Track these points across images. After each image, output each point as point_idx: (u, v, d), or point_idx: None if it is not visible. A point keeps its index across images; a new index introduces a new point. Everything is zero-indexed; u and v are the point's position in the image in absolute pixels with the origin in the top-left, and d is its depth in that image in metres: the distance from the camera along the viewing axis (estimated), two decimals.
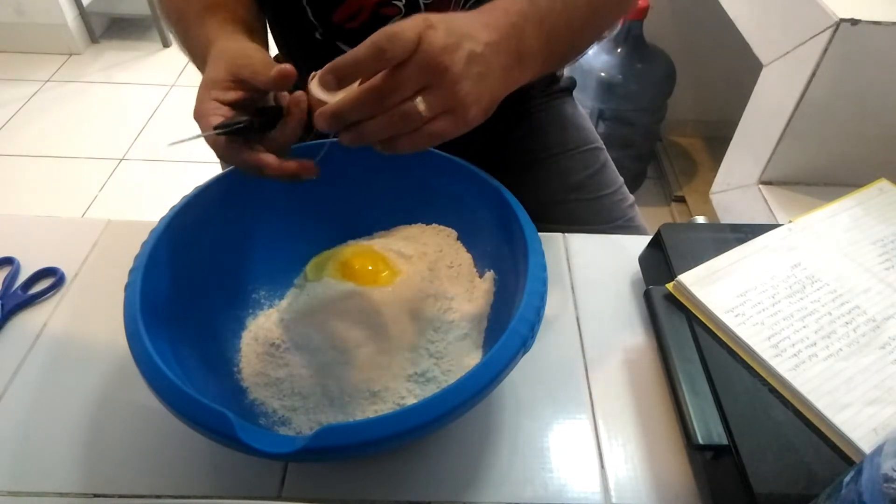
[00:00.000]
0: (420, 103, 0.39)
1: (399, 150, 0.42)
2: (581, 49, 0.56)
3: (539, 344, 0.41)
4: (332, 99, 0.41)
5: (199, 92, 0.45)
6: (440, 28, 0.40)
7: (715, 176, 1.24)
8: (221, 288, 0.51)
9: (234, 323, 0.51)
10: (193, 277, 0.48)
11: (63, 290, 0.56)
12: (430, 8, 0.62)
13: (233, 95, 0.45)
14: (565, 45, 0.50)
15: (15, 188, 1.80)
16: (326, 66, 0.40)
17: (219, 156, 0.45)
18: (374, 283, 0.53)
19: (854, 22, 0.83)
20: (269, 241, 0.54)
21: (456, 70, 0.40)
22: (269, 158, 0.43)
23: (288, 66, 0.43)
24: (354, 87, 0.41)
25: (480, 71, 0.41)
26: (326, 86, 0.41)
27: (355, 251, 0.56)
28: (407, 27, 0.39)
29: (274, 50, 0.79)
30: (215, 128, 0.42)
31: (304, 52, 0.69)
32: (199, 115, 0.44)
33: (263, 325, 0.50)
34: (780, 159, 1.01)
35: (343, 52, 0.66)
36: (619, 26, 1.52)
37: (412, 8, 0.62)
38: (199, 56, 0.52)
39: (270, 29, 0.73)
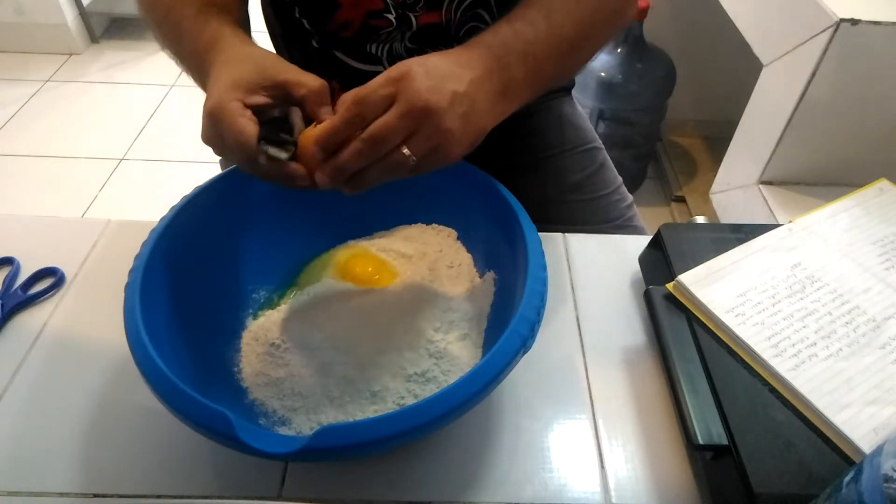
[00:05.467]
0: (406, 150, 0.40)
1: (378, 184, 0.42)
2: (573, 71, 0.55)
3: (539, 344, 0.41)
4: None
5: (220, 88, 0.42)
6: (419, 72, 0.40)
7: (715, 176, 1.24)
8: (221, 288, 0.51)
9: (234, 323, 0.51)
10: (193, 277, 0.48)
11: (63, 290, 0.56)
12: (420, 21, 0.62)
13: (258, 100, 0.43)
14: (552, 71, 0.50)
15: (15, 188, 1.80)
16: (313, 138, 0.40)
17: (244, 161, 0.42)
18: (373, 284, 0.53)
19: (854, 22, 0.83)
20: (269, 241, 0.54)
21: (440, 110, 0.40)
22: (301, 170, 0.42)
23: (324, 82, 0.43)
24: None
25: (465, 110, 0.42)
26: (315, 159, 0.41)
27: (355, 252, 0.56)
28: (378, 84, 0.40)
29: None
30: (261, 140, 0.41)
31: (305, 59, 0.69)
32: (221, 114, 0.41)
33: (263, 325, 0.50)
34: (780, 159, 1.01)
35: (339, 61, 0.66)
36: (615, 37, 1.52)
37: (403, 21, 0.62)
38: (193, 53, 0.50)
39: (270, 32, 0.73)
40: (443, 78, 0.41)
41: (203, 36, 0.49)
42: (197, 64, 0.49)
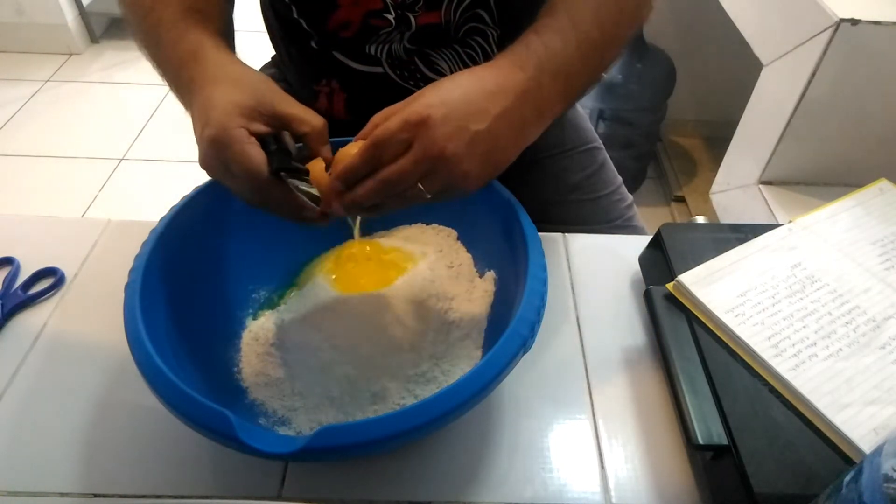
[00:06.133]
0: (421, 187, 0.41)
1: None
2: (599, 78, 0.53)
3: (539, 344, 0.41)
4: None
5: (220, 113, 0.41)
6: (437, 117, 0.40)
7: (715, 176, 1.24)
8: (221, 288, 0.51)
9: (234, 323, 0.51)
10: (193, 278, 0.48)
11: (63, 290, 0.56)
12: (420, 21, 0.62)
13: (259, 128, 0.41)
14: (582, 82, 0.49)
15: (15, 188, 1.80)
16: (334, 174, 0.41)
17: (250, 194, 0.42)
18: (373, 289, 0.52)
19: (854, 22, 0.83)
20: (269, 242, 0.54)
21: (456, 156, 0.40)
22: (308, 203, 0.42)
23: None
24: None
25: (486, 149, 0.42)
26: (330, 191, 0.41)
27: (356, 255, 0.56)
28: (397, 128, 0.39)
29: (257, 58, 0.77)
30: (278, 170, 0.41)
31: (304, 60, 0.69)
32: (229, 141, 0.40)
33: (263, 325, 0.50)
34: (780, 159, 1.01)
35: (338, 61, 0.66)
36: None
37: (402, 21, 0.62)
38: (169, 60, 0.48)
39: (269, 34, 0.73)
40: (464, 118, 0.40)
41: (182, 45, 0.47)
42: (174, 73, 0.47)
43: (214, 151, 0.41)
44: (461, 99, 0.41)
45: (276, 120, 0.43)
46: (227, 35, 0.53)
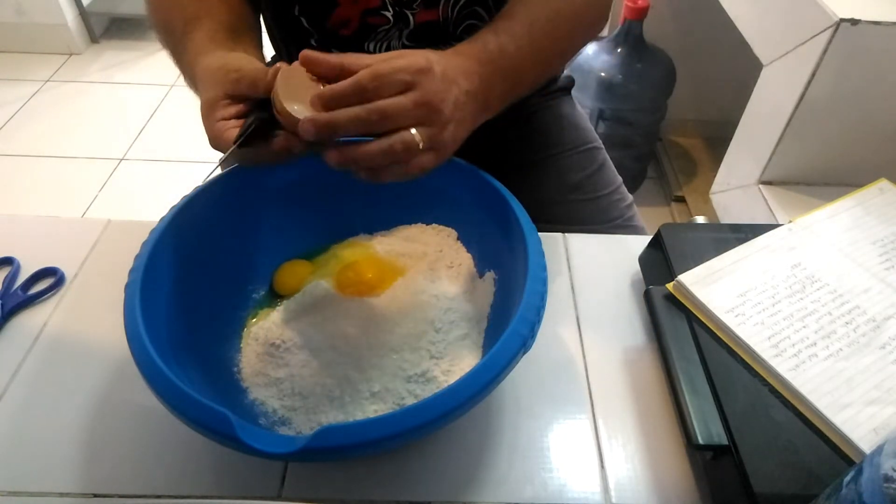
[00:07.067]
0: (417, 134, 0.41)
1: (384, 179, 0.43)
2: (542, 81, 0.57)
3: (539, 344, 0.41)
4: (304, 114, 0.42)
5: (203, 120, 0.45)
6: (437, 71, 0.42)
7: (715, 176, 1.24)
8: (221, 288, 0.51)
9: (234, 323, 0.51)
10: (193, 277, 0.48)
11: (63, 290, 0.56)
12: (418, 18, 0.62)
13: (235, 110, 0.45)
14: (526, 86, 0.53)
15: (15, 188, 1.80)
16: (318, 94, 0.42)
17: (248, 163, 0.47)
18: (373, 288, 0.52)
19: (854, 22, 0.83)
20: (269, 241, 0.54)
21: (447, 113, 0.43)
22: (293, 140, 0.43)
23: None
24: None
25: (461, 116, 0.44)
26: (317, 112, 0.42)
27: (354, 259, 0.56)
28: (400, 68, 0.41)
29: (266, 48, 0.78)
30: (235, 141, 0.43)
31: None
32: (216, 139, 0.44)
33: (263, 325, 0.50)
34: (780, 159, 1.01)
35: None
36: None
37: (400, 19, 0.62)
38: (188, 74, 0.52)
39: (269, 34, 0.73)
40: (451, 82, 0.43)
41: (187, 57, 0.51)
42: (189, 80, 0.52)
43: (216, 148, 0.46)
44: (448, 66, 0.44)
45: (243, 97, 0.46)
46: (231, 19, 0.55)
